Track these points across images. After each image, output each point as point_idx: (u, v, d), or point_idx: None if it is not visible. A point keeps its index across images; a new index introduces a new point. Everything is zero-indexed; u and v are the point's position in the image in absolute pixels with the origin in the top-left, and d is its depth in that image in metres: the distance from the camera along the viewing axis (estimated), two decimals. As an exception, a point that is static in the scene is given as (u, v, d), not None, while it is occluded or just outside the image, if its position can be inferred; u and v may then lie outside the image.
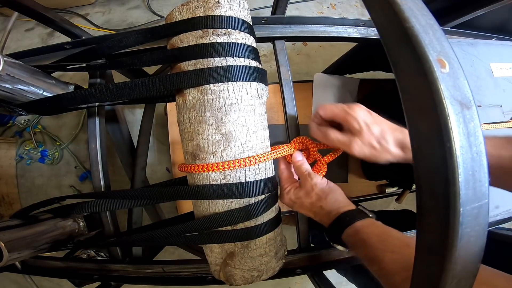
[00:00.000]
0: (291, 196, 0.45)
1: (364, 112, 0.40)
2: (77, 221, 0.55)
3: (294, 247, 0.53)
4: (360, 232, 0.36)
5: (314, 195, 0.42)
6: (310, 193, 0.43)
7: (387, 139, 0.39)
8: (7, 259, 0.40)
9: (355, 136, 0.40)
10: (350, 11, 1.47)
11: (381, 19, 0.20)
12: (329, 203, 0.41)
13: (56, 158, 1.17)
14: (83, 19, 1.33)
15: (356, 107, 0.40)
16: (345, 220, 0.38)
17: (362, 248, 0.35)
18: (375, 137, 0.39)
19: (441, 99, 0.16)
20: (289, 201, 0.45)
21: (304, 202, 0.43)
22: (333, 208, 0.40)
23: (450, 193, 0.16)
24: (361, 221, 0.37)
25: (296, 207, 0.45)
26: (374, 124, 0.39)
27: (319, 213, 0.42)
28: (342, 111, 0.41)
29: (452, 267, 0.17)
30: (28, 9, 0.49)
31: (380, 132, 0.39)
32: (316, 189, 0.42)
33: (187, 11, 0.39)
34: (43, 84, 0.47)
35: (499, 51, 0.62)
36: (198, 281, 0.51)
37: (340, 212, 0.39)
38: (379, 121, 0.40)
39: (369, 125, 0.39)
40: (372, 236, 0.35)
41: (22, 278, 0.69)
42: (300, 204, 0.44)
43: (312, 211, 0.43)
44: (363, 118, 0.39)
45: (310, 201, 0.43)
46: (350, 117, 0.40)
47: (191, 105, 0.39)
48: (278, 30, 0.55)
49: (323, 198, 0.42)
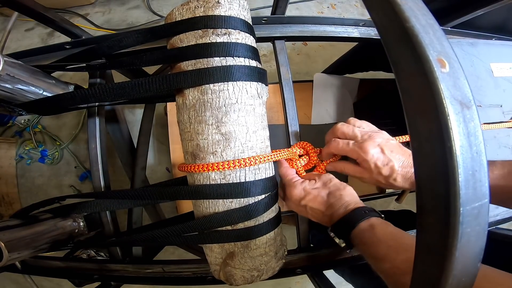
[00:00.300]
0: (306, 186, 0.43)
1: (376, 151, 0.41)
2: (77, 221, 0.55)
3: (294, 247, 0.53)
4: (376, 227, 0.36)
5: (332, 186, 0.42)
6: (327, 183, 0.43)
7: (396, 179, 0.41)
8: (7, 259, 0.40)
9: (366, 172, 0.42)
10: (350, 11, 1.47)
11: (381, 19, 0.20)
12: (347, 193, 0.41)
13: (56, 158, 1.17)
14: (83, 19, 1.33)
15: (368, 147, 0.41)
16: (362, 214, 0.37)
17: (375, 244, 0.35)
18: (383, 177, 0.41)
19: (441, 99, 0.16)
20: (302, 192, 0.43)
21: (320, 193, 0.42)
22: (352, 200, 0.40)
23: (450, 193, 0.16)
24: (376, 219, 0.37)
25: (307, 199, 0.42)
26: (384, 166, 0.41)
27: (335, 204, 0.40)
28: (353, 151, 0.42)
29: (452, 267, 0.17)
30: (28, 9, 0.49)
31: (390, 173, 0.41)
32: (334, 180, 0.43)
33: (187, 11, 0.39)
34: (43, 84, 0.47)
35: (499, 51, 0.62)
36: (198, 281, 0.51)
37: (358, 205, 0.39)
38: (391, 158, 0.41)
39: (379, 167, 0.41)
40: (387, 233, 0.35)
41: (22, 278, 0.69)
42: (314, 195, 0.42)
43: (328, 203, 0.41)
44: (374, 160, 0.41)
45: (327, 191, 0.42)
46: (361, 158, 0.42)
47: (191, 105, 0.39)
48: (278, 30, 0.55)
49: (342, 189, 0.41)
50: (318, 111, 0.77)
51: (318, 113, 0.77)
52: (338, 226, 0.39)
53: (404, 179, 0.41)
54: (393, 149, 0.41)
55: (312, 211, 0.42)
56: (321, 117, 0.77)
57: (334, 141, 0.44)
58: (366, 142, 0.41)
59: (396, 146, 0.42)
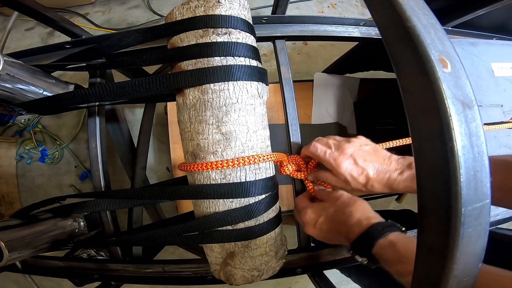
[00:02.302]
0: (316, 209, 0.42)
1: (349, 163, 0.41)
2: (77, 221, 0.55)
3: (295, 246, 0.53)
4: (397, 244, 0.33)
5: (340, 204, 0.41)
6: (336, 202, 0.41)
7: (373, 185, 0.41)
8: (7, 259, 0.40)
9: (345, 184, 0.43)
10: (351, 10, 1.46)
11: (383, 19, 0.20)
12: (358, 209, 0.39)
13: (56, 157, 1.17)
14: (83, 18, 1.33)
15: (340, 160, 0.41)
16: (378, 230, 0.35)
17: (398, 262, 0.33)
18: (362, 185, 0.42)
19: (443, 99, 0.16)
20: (313, 215, 0.42)
21: (330, 212, 0.41)
22: (363, 216, 0.38)
23: (452, 193, 0.16)
24: (395, 234, 0.35)
25: (320, 222, 0.41)
26: (359, 175, 0.41)
27: (347, 222, 0.38)
28: (328, 163, 0.43)
29: (453, 267, 0.17)
30: (28, 8, 0.49)
31: (366, 181, 0.41)
32: (342, 198, 0.42)
33: (187, 11, 0.39)
34: (43, 83, 0.47)
35: (500, 50, 0.62)
36: (198, 281, 0.51)
37: (371, 222, 0.37)
38: (365, 167, 0.41)
39: (354, 177, 0.41)
40: (409, 249, 0.32)
41: (23, 278, 0.69)
42: (326, 216, 0.41)
43: (340, 221, 0.39)
44: (348, 171, 0.41)
45: (336, 210, 0.41)
46: (335, 171, 0.43)
47: (191, 104, 0.39)
48: (279, 29, 0.55)
49: (352, 204, 0.40)
50: (319, 110, 0.77)
51: (318, 113, 0.77)
52: (356, 246, 0.37)
53: (381, 185, 0.41)
54: (366, 156, 0.41)
55: (328, 233, 0.41)
56: (321, 116, 0.77)
57: (314, 146, 0.44)
58: (339, 156, 0.42)
59: (369, 153, 0.42)
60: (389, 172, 0.41)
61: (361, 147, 0.42)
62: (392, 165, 0.41)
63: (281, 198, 0.66)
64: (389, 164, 0.41)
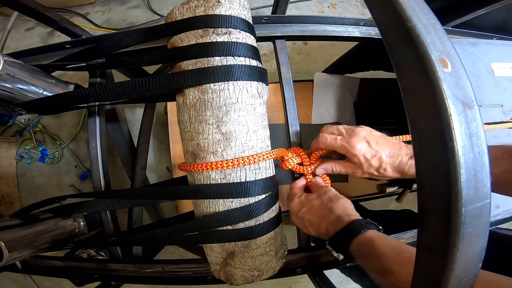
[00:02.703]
0: (302, 199, 0.44)
1: (363, 145, 0.41)
2: (77, 221, 0.55)
3: (295, 246, 0.53)
4: (375, 241, 0.34)
5: (326, 198, 0.42)
6: (322, 196, 0.43)
7: (385, 169, 0.42)
8: (7, 258, 0.40)
9: (357, 167, 0.43)
10: (351, 10, 1.46)
11: (383, 18, 0.20)
12: (340, 205, 0.41)
13: (56, 157, 1.17)
14: (83, 18, 1.32)
15: (354, 142, 0.41)
16: (358, 227, 0.37)
17: (376, 259, 0.33)
18: (374, 169, 0.42)
19: (443, 98, 0.16)
20: (299, 204, 0.44)
21: (314, 204, 0.43)
22: (344, 213, 0.39)
23: (452, 193, 0.16)
24: (373, 231, 0.36)
25: (303, 211, 0.43)
26: (373, 157, 0.41)
27: (328, 217, 0.40)
28: (342, 147, 0.43)
29: (454, 267, 0.17)
30: (28, 8, 0.49)
31: (379, 164, 0.41)
32: (329, 193, 0.43)
33: (187, 10, 0.39)
34: (43, 83, 0.47)
35: (500, 50, 0.62)
36: (198, 281, 0.51)
37: (352, 219, 0.38)
38: (378, 150, 0.41)
39: (368, 160, 0.41)
40: (387, 247, 0.33)
41: (23, 278, 0.69)
42: (309, 207, 0.43)
43: (321, 215, 0.41)
44: (362, 153, 0.41)
45: (320, 203, 0.42)
46: (349, 153, 0.42)
47: (191, 104, 0.39)
48: (279, 29, 0.55)
49: (334, 201, 0.41)
50: (319, 110, 0.77)
51: (318, 113, 0.77)
52: (334, 240, 0.39)
53: (392, 168, 0.42)
54: (378, 140, 0.42)
55: (309, 224, 0.42)
56: (321, 116, 0.77)
57: (322, 136, 0.45)
58: (352, 138, 0.42)
59: (380, 137, 0.42)
60: (401, 156, 0.41)
61: (371, 132, 0.43)
62: (403, 149, 0.42)
63: (281, 198, 0.66)
64: (399, 148, 0.42)
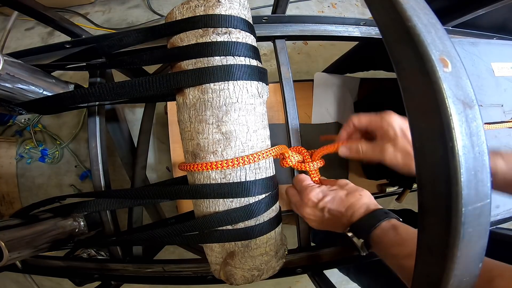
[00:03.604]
0: (323, 189, 0.42)
1: (399, 119, 0.40)
2: (78, 220, 0.55)
3: (295, 246, 0.53)
4: (399, 228, 0.36)
5: (350, 188, 0.42)
6: (344, 186, 0.43)
7: None
8: (7, 258, 0.40)
9: (389, 143, 0.40)
10: (351, 10, 1.46)
11: (383, 18, 0.20)
12: (367, 194, 0.41)
13: (56, 157, 1.17)
14: (83, 18, 1.32)
15: (391, 114, 0.41)
16: (383, 214, 0.38)
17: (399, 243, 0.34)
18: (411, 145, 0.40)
19: (444, 98, 0.16)
20: (320, 193, 0.42)
21: (338, 193, 0.42)
22: (371, 202, 0.40)
23: (452, 193, 0.16)
24: (396, 220, 0.38)
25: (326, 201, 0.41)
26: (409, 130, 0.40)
27: (355, 204, 0.39)
28: (377, 117, 0.41)
29: (454, 267, 0.17)
30: (28, 8, 0.49)
31: None
32: (351, 184, 0.43)
33: (187, 10, 0.39)
34: (43, 83, 0.47)
35: (500, 50, 0.62)
36: (199, 281, 0.51)
37: (378, 207, 0.39)
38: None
39: (404, 131, 0.39)
40: (410, 233, 0.35)
41: (23, 278, 0.69)
42: (333, 196, 0.41)
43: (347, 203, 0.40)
44: (399, 124, 0.40)
45: (346, 192, 0.41)
46: (385, 123, 0.40)
47: (191, 104, 0.39)
48: (279, 29, 0.55)
49: (361, 190, 0.42)
50: (319, 110, 0.77)
51: (318, 113, 0.77)
52: (357, 226, 0.38)
53: None
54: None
55: (330, 214, 0.41)
56: (321, 116, 0.77)
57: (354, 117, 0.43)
58: (386, 113, 0.41)
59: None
60: None
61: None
62: None
63: (281, 198, 0.66)
64: None
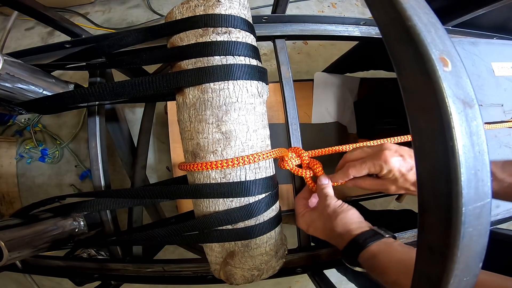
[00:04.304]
0: (306, 219, 0.44)
1: (397, 159, 0.39)
2: (77, 220, 0.55)
3: (295, 246, 0.53)
4: (378, 256, 0.34)
5: (325, 216, 0.41)
6: (322, 214, 0.42)
7: None
8: (7, 258, 0.40)
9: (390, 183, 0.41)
10: (351, 9, 1.46)
11: (383, 18, 0.20)
12: (338, 224, 0.39)
13: (56, 157, 1.17)
14: (83, 18, 1.32)
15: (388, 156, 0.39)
16: (358, 243, 0.36)
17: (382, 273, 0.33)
18: (411, 183, 0.40)
19: (444, 97, 0.16)
20: (304, 224, 0.44)
21: (317, 225, 0.42)
22: (344, 230, 0.38)
23: (453, 192, 0.16)
24: (377, 244, 0.35)
25: (311, 231, 0.44)
26: (409, 172, 0.39)
27: (332, 236, 0.40)
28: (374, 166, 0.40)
29: (454, 267, 0.17)
30: (28, 8, 0.49)
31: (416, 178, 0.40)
32: (328, 210, 0.41)
33: (187, 10, 0.39)
34: (43, 83, 0.47)
35: (500, 50, 0.62)
36: (199, 280, 0.51)
37: (352, 235, 0.37)
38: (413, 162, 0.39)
39: (404, 174, 0.39)
40: (392, 261, 0.33)
41: (23, 277, 0.69)
42: (314, 227, 0.43)
43: (326, 234, 0.41)
44: (398, 168, 0.39)
45: (322, 223, 0.41)
46: (384, 168, 0.40)
47: (191, 103, 0.39)
48: (279, 28, 0.55)
49: (333, 219, 0.40)
50: (319, 110, 0.77)
51: (318, 112, 0.77)
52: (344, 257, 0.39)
53: None
54: (410, 153, 0.40)
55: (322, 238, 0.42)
56: (321, 116, 0.77)
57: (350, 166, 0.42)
58: (383, 152, 0.39)
59: (409, 150, 0.40)
60: None
61: (399, 146, 0.41)
62: None
63: (281, 197, 0.66)
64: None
